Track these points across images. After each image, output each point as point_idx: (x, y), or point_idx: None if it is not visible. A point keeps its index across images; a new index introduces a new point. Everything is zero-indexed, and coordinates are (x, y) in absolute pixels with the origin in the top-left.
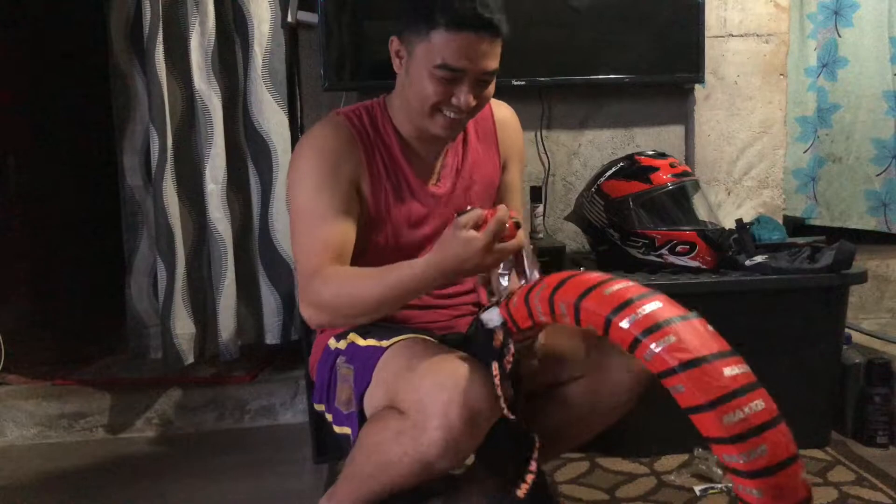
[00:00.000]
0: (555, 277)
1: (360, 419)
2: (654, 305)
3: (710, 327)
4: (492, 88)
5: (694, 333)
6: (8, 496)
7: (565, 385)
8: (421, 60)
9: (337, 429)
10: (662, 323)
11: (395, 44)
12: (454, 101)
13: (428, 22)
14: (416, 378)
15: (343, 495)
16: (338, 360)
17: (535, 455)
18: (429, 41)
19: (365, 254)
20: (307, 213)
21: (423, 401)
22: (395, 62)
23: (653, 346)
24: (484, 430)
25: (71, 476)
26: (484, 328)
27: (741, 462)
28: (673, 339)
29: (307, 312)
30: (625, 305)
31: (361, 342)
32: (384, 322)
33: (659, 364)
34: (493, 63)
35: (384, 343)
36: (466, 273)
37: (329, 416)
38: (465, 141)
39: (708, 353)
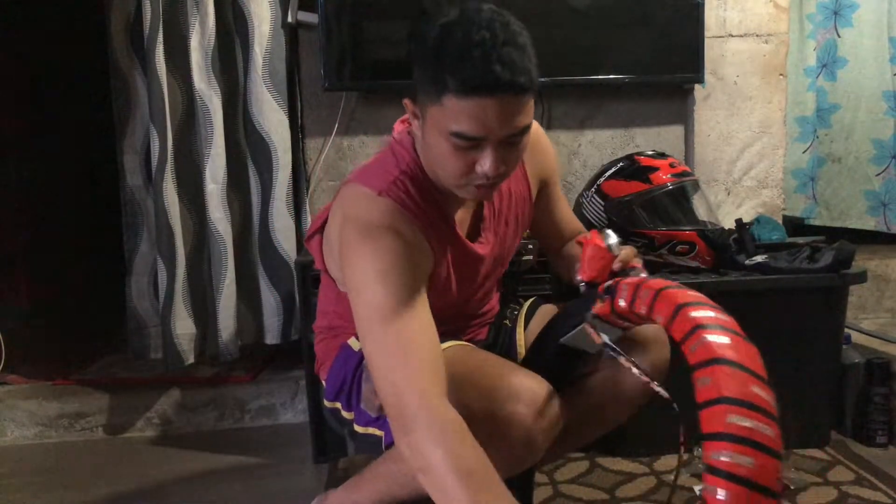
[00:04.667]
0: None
1: None
2: (725, 317)
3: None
4: (525, 143)
5: (748, 350)
6: (8, 496)
7: (585, 376)
8: (435, 127)
9: (359, 428)
10: (726, 327)
11: (409, 106)
12: (478, 168)
13: (438, 85)
14: (487, 388)
15: (369, 493)
16: (363, 363)
17: None
18: (441, 106)
19: None
20: (394, 319)
21: (498, 414)
22: (414, 124)
23: (708, 336)
24: (544, 448)
25: (71, 476)
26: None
27: (725, 460)
28: (727, 340)
29: (407, 452)
30: (700, 303)
31: None
32: None
33: (702, 353)
34: (522, 121)
35: None
36: None
37: (348, 415)
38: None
39: (751, 367)
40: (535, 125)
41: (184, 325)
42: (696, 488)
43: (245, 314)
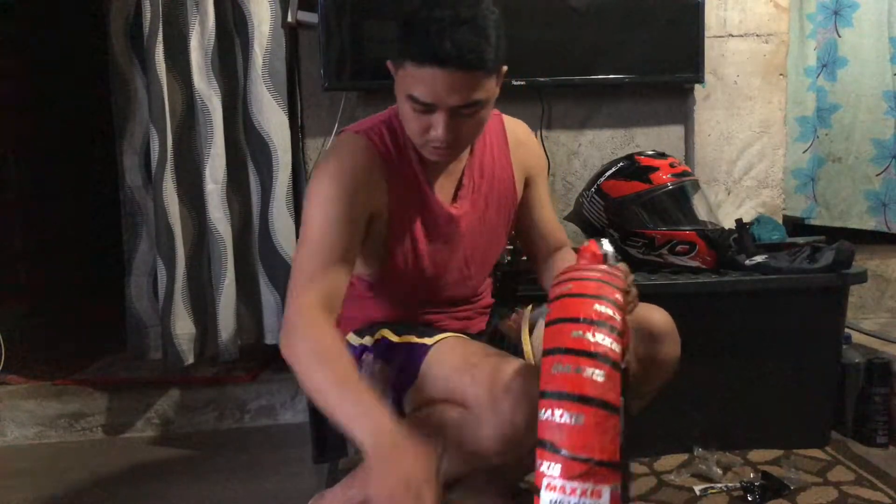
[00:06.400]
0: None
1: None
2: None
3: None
4: (483, 116)
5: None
6: (8, 496)
7: None
8: (400, 88)
9: None
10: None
11: (390, 67)
12: (431, 132)
13: (402, 51)
14: (481, 376)
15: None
16: (364, 357)
17: None
18: (403, 70)
19: (385, 277)
20: (316, 242)
21: (491, 400)
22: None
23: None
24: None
25: (71, 476)
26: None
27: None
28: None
29: (281, 340)
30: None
31: (394, 338)
32: (410, 321)
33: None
34: (472, 95)
35: (427, 340)
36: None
37: None
38: (482, 160)
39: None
40: (526, 128)
41: (183, 325)
42: (697, 488)
43: (245, 314)
